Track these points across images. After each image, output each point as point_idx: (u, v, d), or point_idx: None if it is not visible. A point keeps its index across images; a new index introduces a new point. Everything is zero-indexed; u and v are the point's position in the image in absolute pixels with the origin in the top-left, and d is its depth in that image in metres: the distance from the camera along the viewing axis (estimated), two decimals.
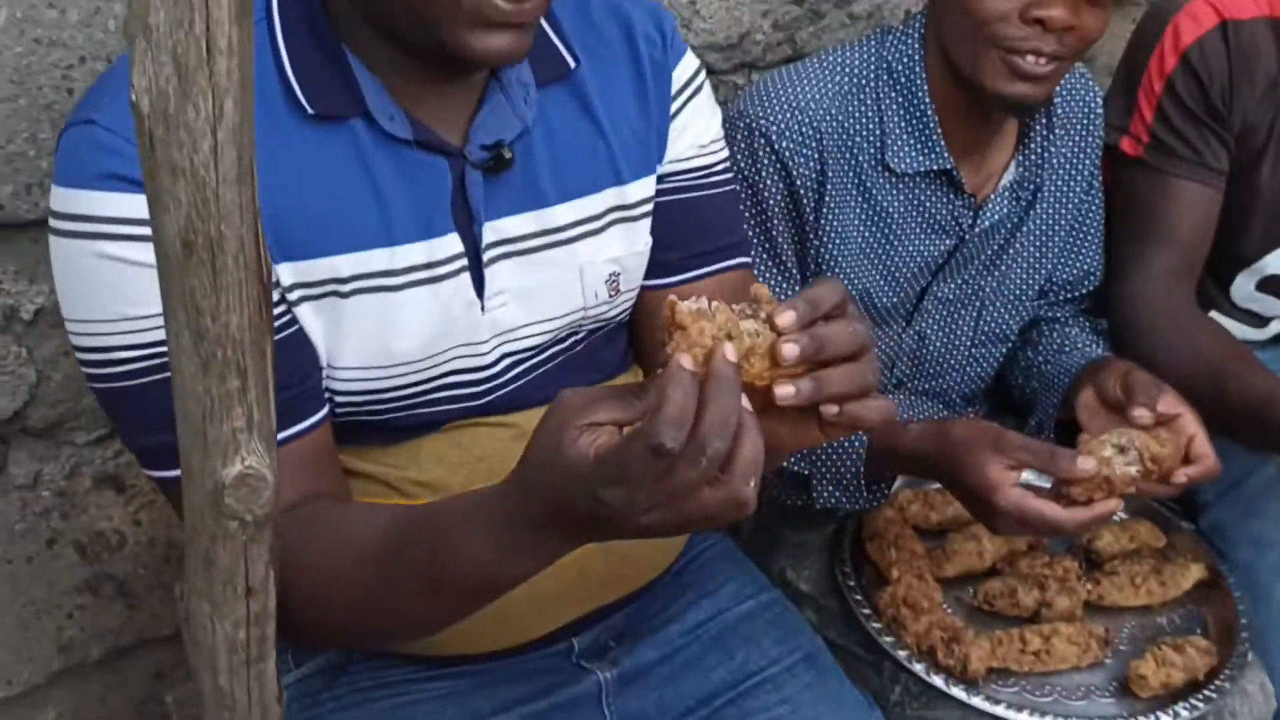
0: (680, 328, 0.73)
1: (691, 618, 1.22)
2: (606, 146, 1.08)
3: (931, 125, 1.37)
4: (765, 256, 1.39)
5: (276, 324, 0.90)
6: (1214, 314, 1.70)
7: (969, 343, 1.53)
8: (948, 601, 1.34)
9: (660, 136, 1.12)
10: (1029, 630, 1.27)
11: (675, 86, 1.12)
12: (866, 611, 1.30)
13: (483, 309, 1.03)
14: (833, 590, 1.39)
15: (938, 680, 1.23)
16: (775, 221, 1.37)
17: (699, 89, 1.15)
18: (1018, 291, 1.52)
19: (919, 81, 1.36)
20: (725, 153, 1.19)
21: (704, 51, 1.67)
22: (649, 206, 1.12)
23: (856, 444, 1.33)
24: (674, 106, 1.13)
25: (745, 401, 0.72)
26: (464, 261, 1.01)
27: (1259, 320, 1.73)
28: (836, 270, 1.41)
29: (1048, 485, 1.23)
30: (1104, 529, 1.42)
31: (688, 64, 1.14)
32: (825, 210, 1.37)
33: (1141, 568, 1.38)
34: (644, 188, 1.11)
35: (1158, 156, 1.56)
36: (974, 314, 1.51)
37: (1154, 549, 1.43)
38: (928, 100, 1.36)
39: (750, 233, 1.38)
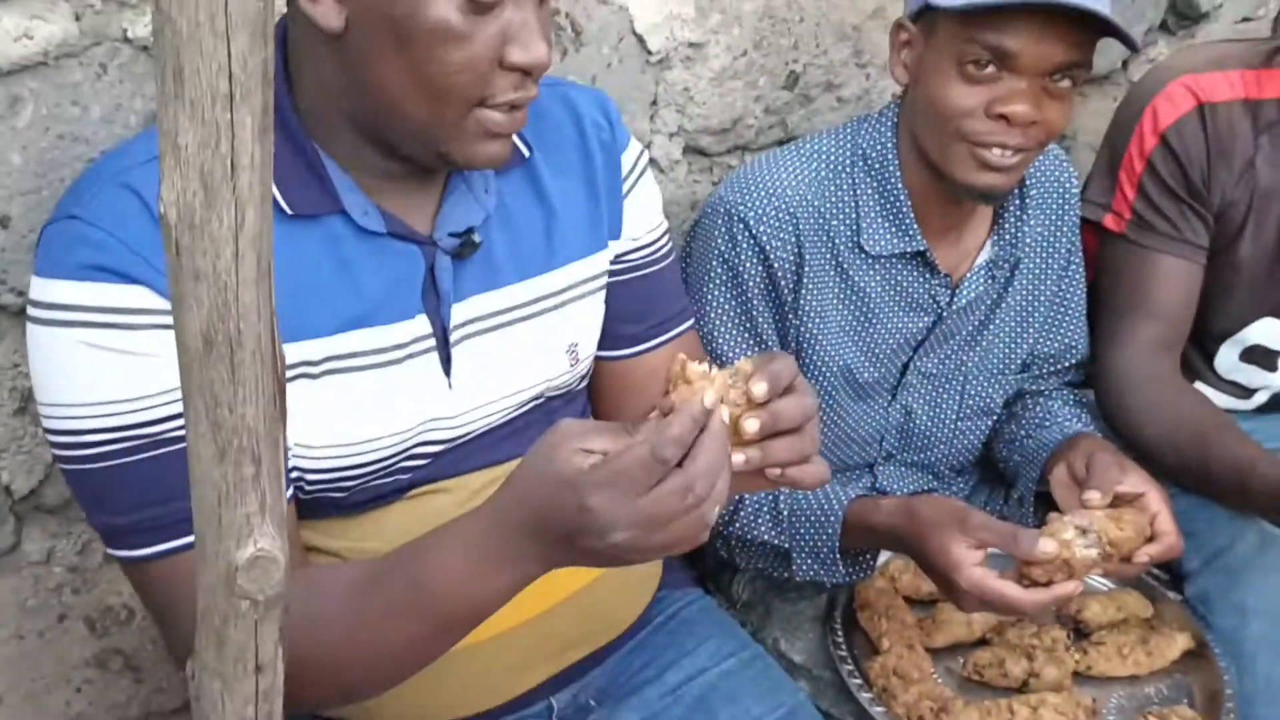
0: (687, 382, 0.85)
1: (672, 678, 1.25)
2: (560, 226, 1.15)
3: (904, 209, 1.42)
4: (746, 336, 1.44)
5: None
6: (1200, 386, 1.74)
7: (955, 416, 1.57)
8: (938, 671, 1.36)
9: (613, 215, 1.19)
10: (1017, 700, 1.29)
11: (625, 169, 1.20)
12: (858, 681, 1.32)
13: (450, 385, 1.08)
14: (826, 661, 1.41)
15: None
16: (755, 303, 1.42)
17: (645, 169, 1.24)
18: (1000, 366, 1.57)
19: (892, 168, 1.42)
20: (666, 225, 1.28)
21: (698, 135, 1.73)
22: (603, 280, 1.19)
23: (833, 519, 1.37)
24: (626, 186, 1.20)
25: None
26: (432, 342, 1.06)
27: (1244, 391, 1.76)
28: (817, 348, 1.46)
29: None
30: (1092, 599, 1.45)
31: (634, 147, 1.22)
32: (804, 291, 1.43)
33: (1128, 638, 1.40)
34: (597, 263, 1.18)
35: (1140, 233, 1.61)
36: (958, 388, 1.55)
37: (1141, 619, 1.46)
38: (900, 185, 1.42)
39: (732, 314, 1.44)
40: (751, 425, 0.85)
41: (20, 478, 1.29)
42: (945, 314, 1.48)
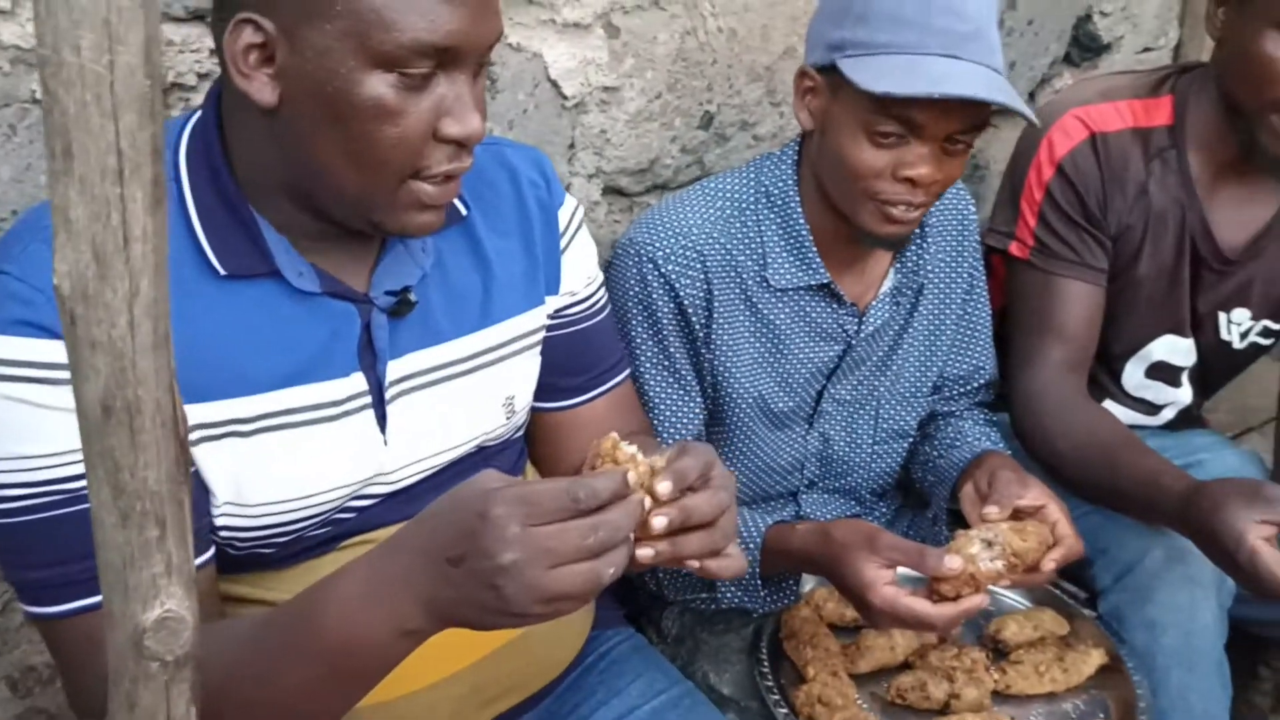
0: (615, 463, 0.88)
1: (601, 717, 1.26)
2: (497, 284, 1.16)
3: (807, 244, 1.47)
4: (664, 373, 1.47)
5: None
6: (1110, 404, 1.80)
7: (871, 441, 1.61)
8: (862, 697, 1.38)
9: (550, 270, 1.21)
10: None
11: (562, 224, 1.23)
12: (784, 711, 1.34)
13: (385, 442, 1.09)
14: (753, 692, 1.43)
15: None
16: (669, 339, 1.46)
17: (581, 224, 1.26)
18: (911, 389, 1.61)
19: (794, 204, 1.47)
20: (601, 278, 1.31)
21: (616, 176, 1.76)
22: (540, 334, 1.21)
23: (752, 546, 1.40)
24: (563, 242, 1.23)
25: None
26: (368, 399, 1.07)
27: (1151, 408, 1.83)
28: (732, 380, 1.49)
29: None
30: (1009, 619, 1.48)
31: (569, 203, 1.25)
32: (715, 326, 1.47)
33: (1045, 656, 1.44)
34: (533, 319, 1.20)
35: (1043, 258, 1.67)
36: (872, 413, 1.59)
37: (1058, 637, 1.49)
38: (802, 221, 1.47)
39: (651, 352, 1.47)
40: (659, 522, 0.87)
41: None
42: (854, 342, 1.53)
